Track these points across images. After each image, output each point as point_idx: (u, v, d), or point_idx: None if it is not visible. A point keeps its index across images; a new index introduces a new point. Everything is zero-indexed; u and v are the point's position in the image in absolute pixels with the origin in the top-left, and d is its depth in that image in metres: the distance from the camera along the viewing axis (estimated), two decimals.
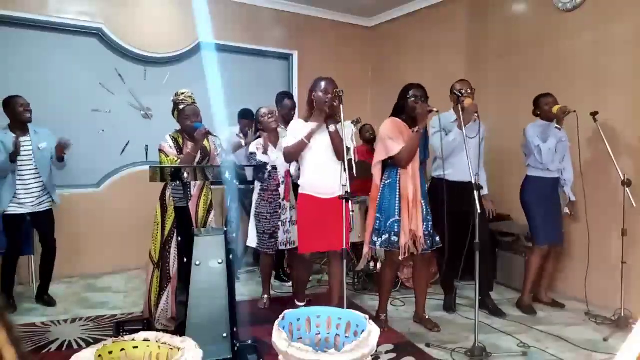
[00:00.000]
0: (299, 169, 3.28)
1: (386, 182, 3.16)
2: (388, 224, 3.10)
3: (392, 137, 3.08)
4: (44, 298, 3.72)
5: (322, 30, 5.88)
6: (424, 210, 3.15)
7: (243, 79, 5.29)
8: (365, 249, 3.21)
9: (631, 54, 3.59)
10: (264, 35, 5.48)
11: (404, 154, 3.04)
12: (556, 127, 3.49)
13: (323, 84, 3.07)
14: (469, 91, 3.34)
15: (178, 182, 2.56)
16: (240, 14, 5.32)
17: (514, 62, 4.42)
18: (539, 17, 4.25)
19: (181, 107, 3.05)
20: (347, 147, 2.97)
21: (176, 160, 2.98)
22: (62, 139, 3.52)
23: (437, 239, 3.19)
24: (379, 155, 3.15)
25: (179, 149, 3.04)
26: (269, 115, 3.57)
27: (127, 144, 4.84)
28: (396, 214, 3.09)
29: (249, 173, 3.93)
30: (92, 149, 4.63)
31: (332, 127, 3.00)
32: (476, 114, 3.13)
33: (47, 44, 4.44)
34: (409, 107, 3.13)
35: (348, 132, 3.07)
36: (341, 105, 2.86)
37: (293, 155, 3.10)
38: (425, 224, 3.12)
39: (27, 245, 3.83)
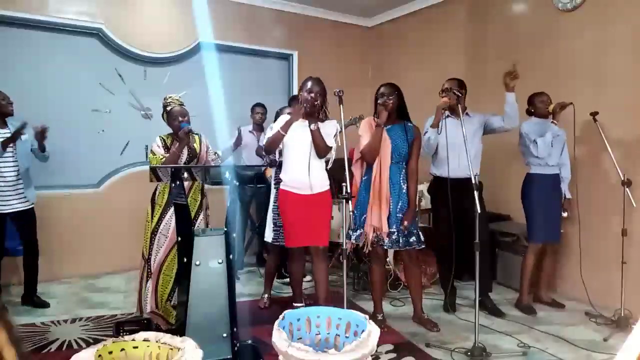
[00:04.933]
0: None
1: (364, 178, 3.25)
2: (362, 220, 3.18)
3: (363, 135, 3.19)
4: (34, 299, 3.67)
5: (322, 30, 5.88)
6: (399, 207, 3.15)
7: (243, 79, 5.30)
8: (347, 244, 3.24)
9: (631, 54, 3.59)
10: (264, 35, 5.48)
11: (364, 149, 3.15)
12: (552, 122, 3.53)
13: (309, 83, 3.13)
14: (449, 89, 3.36)
15: (177, 183, 2.57)
16: (240, 14, 5.32)
17: (514, 62, 4.40)
18: (539, 17, 4.25)
19: (169, 108, 3.20)
20: (329, 145, 3.06)
21: (161, 159, 3.10)
22: (37, 126, 3.45)
23: (412, 239, 3.16)
24: (355, 155, 3.27)
25: (167, 149, 3.16)
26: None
27: (127, 144, 4.84)
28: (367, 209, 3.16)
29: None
30: (92, 149, 4.63)
31: (313, 126, 3.04)
32: (453, 110, 3.15)
33: (47, 44, 4.44)
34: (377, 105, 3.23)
35: (332, 130, 3.12)
36: (341, 106, 2.88)
37: (271, 145, 3.17)
38: (398, 221, 3.14)
39: (14, 245, 3.75)
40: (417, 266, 3.37)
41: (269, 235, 3.66)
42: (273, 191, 3.68)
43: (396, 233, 3.13)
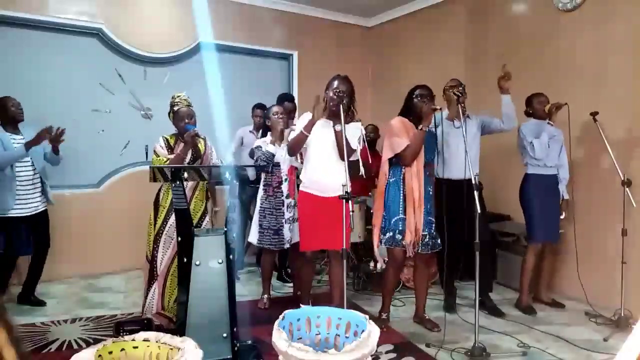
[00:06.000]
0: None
1: (391, 180, 3.19)
2: (392, 222, 3.13)
3: (399, 135, 3.11)
4: (31, 299, 3.68)
5: (322, 30, 5.88)
6: (427, 210, 3.15)
7: (243, 79, 5.29)
8: (376, 243, 3.20)
9: (631, 54, 3.59)
10: (264, 35, 5.48)
11: (408, 151, 3.07)
12: (549, 123, 3.55)
13: (335, 82, 3.09)
14: (455, 86, 3.38)
15: (178, 183, 2.56)
16: (240, 14, 5.32)
17: (514, 62, 4.40)
18: (539, 17, 4.25)
19: (176, 108, 3.16)
20: (352, 148, 3.00)
21: (165, 161, 3.05)
22: (48, 129, 3.43)
23: (439, 241, 3.19)
24: (387, 153, 3.18)
25: (170, 150, 3.12)
26: (279, 115, 3.63)
27: (127, 144, 4.84)
28: (400, 212, 3.12)
29: (251, 173, 3.96)
30: (92, 149, 4.63)
31: (338, 127, 2.99)
32: (462, 110, 3.15)
33: (47, 44, 4.44)
34: (415, 107, 3.17)
35: (356, 133, 3.07)
36: (341, 105, 2.87)
37: (293, 147, 3.12)
38: (428, 225, 3.14)
39: (27, 246, 3.78)
40: (427, 268, 3.37)
41: (254, 237, 3.64)
42: (260, 192, 3.66)
43: (428, 236, 3.13)
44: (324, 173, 3.07)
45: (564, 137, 3.61)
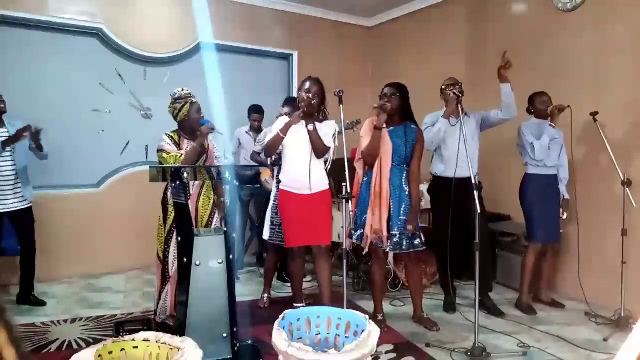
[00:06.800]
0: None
1: (364, 179, 3.25)
2: (362, 220, 3.18)
3: (363, 135, 3.20)
4: (31, 299, 3.67)
5: (322, 30, 5.88)
6: (402, 210, 3.13)
7: (243, 79, 5.30)
8: (347, 243, 3.23)
9: (631, 54, 3.59)
10: (264, 35, 5.48)
11: (364, 151, 3.14)
12: (550, 125, 3.53)
13: (307, 83, 3.14)
14: (453, 85, 3.41)
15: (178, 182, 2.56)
16: (240, 14, 5.32)
17: (514, 62, 4.38)
18: (539, 17, 4.25)
19: (194, 100, 3.13)
20: (326, 146, 3.07)
21: (180, 156, 3.01)
22: (26, 128, 3.40)
23: (417, 241, 3.16)
24: (357, 154, 3.27)
25: (177, 146, 3.10)
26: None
27: (127, 144, 4.84)
28: (368, 210, 3.16)
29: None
30: (92, 149, 4.63)
31: (310, 127, 3.05)
32: (461, 109, 3.15)
33: (47, 44, 4.44)
34: None
35: (330, 131, 3.11)
36: (341, 105, 2.88)
37: (271, 148, 3.18)
38: (401, 224, 3.12)
39: (12, 244, 3.73)
40: (417, 266, 3.38)
41: (266, 233, 3.67)
42: (274, 190, 3.66)
43: (398, 236, 3.12)
44: (303, 172, 3.11)
45: (567, 138, 3.61)
